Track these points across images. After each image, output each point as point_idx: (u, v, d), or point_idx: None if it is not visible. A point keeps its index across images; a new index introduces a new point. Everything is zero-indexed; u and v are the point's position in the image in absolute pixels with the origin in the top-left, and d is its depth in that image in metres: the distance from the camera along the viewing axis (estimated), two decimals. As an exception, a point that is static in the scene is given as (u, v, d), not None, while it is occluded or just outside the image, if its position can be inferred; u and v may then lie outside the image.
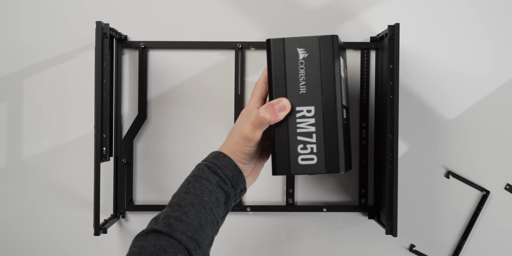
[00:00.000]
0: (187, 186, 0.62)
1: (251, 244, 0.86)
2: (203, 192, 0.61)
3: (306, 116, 0.65)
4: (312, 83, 0.65)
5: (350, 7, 0.84)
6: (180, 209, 0.60)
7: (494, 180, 0.85)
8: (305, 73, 0.65)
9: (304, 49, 0.65)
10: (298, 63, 0.65)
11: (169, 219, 0.59)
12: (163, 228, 0.58)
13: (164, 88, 0.85)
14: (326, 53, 0.64)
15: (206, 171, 0.63)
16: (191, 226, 0.59)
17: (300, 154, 0.65)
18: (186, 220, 0.59)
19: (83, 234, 0.85)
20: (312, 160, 0.65)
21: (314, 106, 0.64)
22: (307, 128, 0.65)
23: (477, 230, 0.85)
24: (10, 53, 0.84)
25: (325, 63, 0.64)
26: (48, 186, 0.85)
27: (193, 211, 0.60)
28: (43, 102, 0.85)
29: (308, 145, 0.65)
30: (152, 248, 0.56)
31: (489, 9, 0.84)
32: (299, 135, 0.65)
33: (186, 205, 0.60)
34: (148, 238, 0.58)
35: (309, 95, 0.65)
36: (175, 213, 0.60)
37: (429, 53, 0.84)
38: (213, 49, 0.84)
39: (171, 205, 0.61)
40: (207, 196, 0.61)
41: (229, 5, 0.85)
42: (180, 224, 0.58)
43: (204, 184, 0.62)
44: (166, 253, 0.56)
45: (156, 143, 0.85)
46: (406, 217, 0.85)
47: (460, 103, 0.85)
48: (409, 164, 0.85)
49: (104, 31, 0.75)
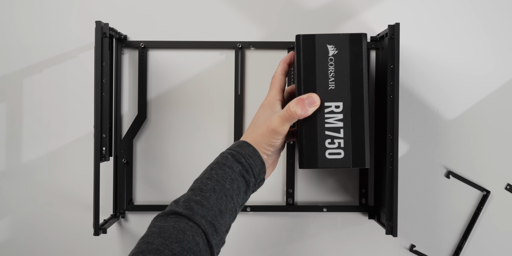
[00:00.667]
0: (210, 172, 0.63)
1: (251, 244, 0.86)
2: (225, 179, 0.62)
3: (334, 111, 0.67)
4: (341, 79, 0.66)
5: (350, 7, 0.84)
6: (201, 193, 0.60)
7: (494, 180, 0.85)
8: (334, 69, 0.67)
9: (334, 46, 0.67)
10: (328, 60, 0.67)
11: (190, 202, 0.59)
12: (183, 210, 0.58)
13: (164, 88, 0.85)
14: (356, 50, 0.67)
15: (230, 159, 0.63)
16: (211, 211, 0.59)
17: (327, 148, 0.67)
18: (207, 204, 0.59)
19: (83, 234, 0.84)
20: (339, 155, 0.67)
21: (343, 102, 0.67)
22: (335, 123, 0.67)
23: (478, 230, 0.85)
24: (10, 52, 0.84)
25: (354, 61, 0.66)
26: (48, 186, 0.85)
27: (214, 197, 0.60)
28: (43, 102, 0.84)
29: (336, 140, 0.67)
30: (171, 229, 0.57)
31: (489, 9, 0.84)
32: (327, 130, 0.67)
33: (208, 190, 0.61)
34: (167, 219, 0.58)
35: (338, 91, 0.67)
36: (197, 197, 0.60)
37: (429, 52, 0.84)
38: (213, 49, 0.84)
39: (192, 189, 0.62)
40: (229, 183, 0.62)
41: (229, 5, 0.84)
42: (201, 208, 0.59)
43: (227, 172, 0.62)
44: (185, 235, 0.56)
45: (156, 143, 0.85)
46: (406, 217, 0.85)
47: (460, 103, 0.84)
48: (409, 164, 0.84)
49: (103, 30, 0.75)
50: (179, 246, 0.55)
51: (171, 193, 0.85)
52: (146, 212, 0.84)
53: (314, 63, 0.67)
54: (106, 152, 0.78)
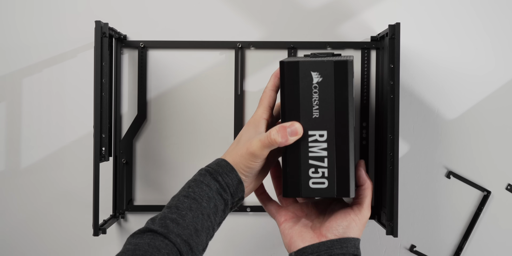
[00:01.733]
0: (187, 190, 0.62)
1: (251, 244, 0.85)
2: (202, 197, 0.62)
3: (318, 140, 0.64)
4: (326, 107, 0.64)
5: (351, 7, 0.84)
6: (178, 211, 0.60)
7: (495, 180, 0.85)
8: (318, 97, 0.64)
9: (318, 73, 0.64)
10: (312, 87, 0.64)
11: (165, 220, 0.59)
12: (159, 228, 0.58)
13: (163, 87, 0.85)
14: (341, 78, 0.63)
15: (207, 177, 0.63)
16: (186, 230, 0.59)
17: (311, 177, 0.65)
18: (182, 223, 0.59)
19: (82, 234, 0.84)
20: (323, 184, 0.65)
21: (327, 130, 0.64)
22: (319, 152, 0.64)
23: (478, 231, 0.85)
24: (9, 52, 0.84)
25: (339, 88, 0.64)
26: (47, 186, 0.85)
27: (191, 215, 0.60)
28: (42, 102, 0.84)
29: (320, 169, 0.65)
30: (146, 247, 0.57)
31: (490, 8, 0.84)
32: (311, 159, 0.65)
33: (184, 208, 0.60)
34: (143, 236, 0.58)
35: (322, 120, 0.64)
36: (173, 215, 0.60)
37: (430, 52, 0.84)
38: (213, 48, 0.84)
39: (169, 206, 0.61)
40: (206, 202, 0.61)
41: (229, 4, 0.84)
42: (176, 226, 0.59)
43: (204, 190, 0.62)
44: (160, 253, 0.56)
45: (155, 143, 0.85)
46: (407, 217, 0.84)
47: (461, 102, 0.84)
48: (410, 164, 0.84)
49: (103, 30, 0.75)
50: None
51: (171, 194, 0.84)
52: (145, 212, 0.84)
53: (298, 90, 0.64)
54: (106, 152, 0.78)
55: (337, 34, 0.84)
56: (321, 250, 0.65)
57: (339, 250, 0.65)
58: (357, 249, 0.66)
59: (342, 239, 0.65)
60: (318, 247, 0.65)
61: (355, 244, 0.66)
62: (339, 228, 0.66)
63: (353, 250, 0.65)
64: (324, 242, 0.65)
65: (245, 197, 0.67)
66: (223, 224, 0.85)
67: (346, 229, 0.66)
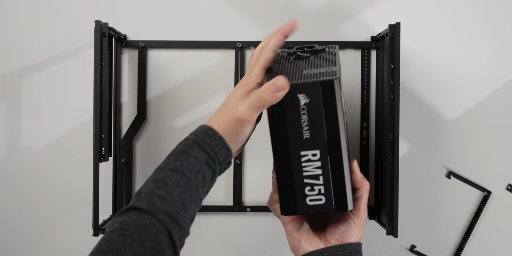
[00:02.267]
0: (175, 163, 0.60)
1: (251, 244, 0.85)
2: (190, 171, 0.59)
3: (311, 159, 0.63)
4: (316, 127, 0.62)
5: (351, 7, 0.84)
6: (165, 187, 0.58)
7: (495, 181, 0.85)
8: (307, 118, 0.62)
9: (305, 95, 0.62)
10: (300, 109, 0.62)
11: (152, 197, 0.57)
12: (145, 206, 0.56)
13: (163, 87, 0.85)
14: (329, 97, 0.61)
15: (195, 148, 0.60)
16: (174, 207, 0.57)
17: (308, 195, 0.64)
18: (170, 200, 0.57)
19: (82, 234, 0.84)
20: (320, 201, 0.64)
21: (319, 149, 0.63)
22: (314, 171, 0.64)
23: (479, 231, 0.85)
24: (9, 52, 0.84)
25: (328, 107, 0.62)
26: (47, 186, 0.84)
27: (178, 191, 0.58)
28: (42, 102, 0.84)
29: (316, 186, 0.64)
30: (133, 226, 0.55)
31: (490, 8, 0.84)
32: (306, 178, 0.64)
33: (172, 184, 0.58)
34: (130, 214, 0.56)
35: (314, 140, 0.63)
36: (160, 191, 0.57)
37: (430, 52, 0.84)
38: (213, 48, 0.84)
39: (155, 180, 0.58)
40: (194, 176, 0.59)
41: (229, 4, 0.84)
42: (164, 204, 0.57)
43: (192, 163, 0.59)
44: (147, 233, 0.55)
45: (155, 143, 0.85)
46: (407, 217, 0.84)
47: (461, 102, 0.84)
48: (410, 164, 0.84)
49: (103, 30, 0.75)
50: (140, 246, 0.53)
51: (171, 194, 0.85)
52: (145, 212, 0.84)
53: (284, 113, 0.62)
54: (106, 152, 0.78)
55: (337, 34, 0.84)
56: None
57: (342, 255, 0.65)
58: (360, 253, 0.66)
59: (344, 245, 0.65)
60: (321, 254, 0.65)
61: (358, 248, 0.66)
62: (340, 232, 0.66)
63: (356, 255, 0.65)
64: (327, 248, 0.65)
65: (232, 159, 0.64)
66: (223, 224, 0.85)
67: (346, 233, 0.66)
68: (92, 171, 0.74)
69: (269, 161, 0.69)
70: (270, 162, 0.67)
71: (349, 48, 0.83)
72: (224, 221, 0.85)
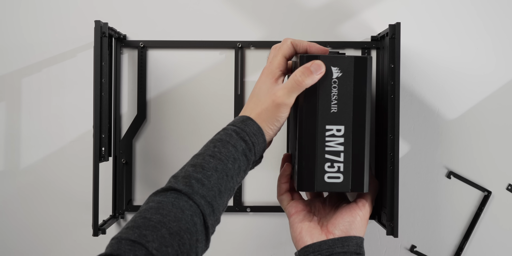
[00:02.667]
0: (213, 149, 0.61)
1: (251, 244, 0.85)
2: (228, 158, 0.60)
3: (335, 135, 0.65)
4: (344, 103, 0.65)
5: (351, 6, 0.84)
6: (203, 171, 0.58)
7: (495, 181, 0.84)
8: (337, 92, 0.65)
9: (338, 68, 0.64)
10: (332, 82, 0.65)
11: (190, 180, 0.57)
12: (183, 187, 0.57)
13: (163, 87, 0.84)
14: (361, 74, 0.64)
15: (234, 136, 0.61)
16: (211, 191, 0.57)
17: (327, 172, 0.65)
18: (207, 184, 0.58)
19: (82, 234, 0.84)
20: (338, 179, 0.65)
21: (344, 126, 0.65)
22: (336, 147, 0.65)
23: (479, 231, 0.84)
24: (9, 52, 0.84)
25: (358, 84, 0.64)
26: (46, 186, 0.84)
27: (216, 176, 0.58)
28: (42, 102, 0.84)
29: (336, 163, 0.65)
30: (170, 206, 0.55)
31: (490, 8, 0.84)
32: (327, 154, 0.65)
33: (210, 168, 0.59)
34: (167, 195, 0.56)
35: (340, 115, 0.65)
36: (198, 174, 0.58)
37: (430, 52, 0.84)
38: (213, 48, 0.84)
39: (194, 165, 0.59)
40: (231, 163, 0.60)
41: (228, 4, 0.84)
42: (201, 187, 0.57)
43: (230, 151, 0.60)
44: (184, 214, 0.55)
45: (155, 143, 0.84)
46: (407, 217, 0.84)
47: (461, 102, 0.84)
48: (410, 164, 0.84)
49: (103, 30, 0.75)
50: (177, 225, 0.54)
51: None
52: (145, 212, 0.84)
53: (317, 84, 0.64)
54: (105, 152, 0.78)
55: (338, 34, 0.84)
56: (322, 249, 0.65)
57: (340, 249, 0.64)
58: (359, 247, 0.66)
59: (344, 238, 0.65)
60: (320, 246, 0.65)
61: (357, 242, 0.66)
62: (345, 223, 0.66)
63: (354, 249, 0.65)
64: (326, 241, 0.65)
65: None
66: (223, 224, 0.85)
67: (351, 225, 0.66)
68: (92, 171, 0.74)
69: (269, 161, 0.69)
70: (270, 163, 0.67)
71: (349, 48, 0.83)
72: (223, 221, 0.84)
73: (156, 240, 0.52)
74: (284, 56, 0.66)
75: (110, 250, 0.51)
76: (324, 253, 0.64)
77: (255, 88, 0.66)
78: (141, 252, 0.51)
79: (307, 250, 0.65)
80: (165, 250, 0.52)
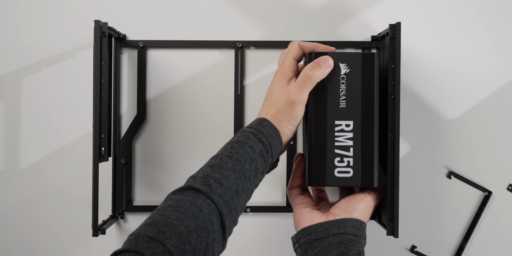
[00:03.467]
0: (231, 150, 0.61)
1: (251, 245, 0.85)
2: (245, 159, 0.60)
3: (344, 130, 0.67)
4: (352, 98, 0.67)
5: (351, 6, 0.84)
6: (221, 171, 0.59)
7: (496, 181, 0.84)
8: (345, 88, 0.67)
9: (346, 65, 0.67)
10: (340, 78, 0.67)
11: (208, 179, 0.58)
12: (201, 186, 0.57)
13: (163, 87, 0.84)
14: (368, 69, 0.67)
15: (251, 138, 0.62)
16: (229, 191, 0.58)
17: (336, 166, 0.67)
18: (225, 184, 0.58)
19: (82, 235, 0.84)
20: (348, 173, 0.67)
21: (353, 121, 0.67)
22: (345, 142, 0.67)
23: (479, 231, 0.84)
24: (8, 52, 0.84)
25: (366, 80, 0.67)
26: (46, 186, 0.84)
27: (233, 176, 0.59)
28: (41, 102, 0.84)
29: (345, 158, 0.67)
30: (188, 204, 0.55)
31: (491, 7, 0.84)
32: (337, 149, 0.67)
33: (227, 168, 0.59)
34: (185, 193, 0.57)
35: (349, 110, 0.67)
36: (216, 174, 0.58)
37: (431, 52, 0.84)
38: (213, 48, 0.84)
39: (211, 165, 0.60)
40: (248, 164, 0.60)
41: (228, 4, 0.84)
42: (219, 186, 0.57)
43: (247, 152, 0.61)
44: (201, 213, 0.55)
45: (155, 143, 0.84)
46: (408, 218, 0.84)
47: (462, 102, 0.84)
48: (411, 164, 0.84)
49: (102, 30, 0.75)
50: (194, 223, 0.54)
51: (171, 194, 0.84)
52: (145, 212, 0.84)
53: (325, 80, 0.66)
54: (105, 152, 0.77)
55: (338, 34, 0.84)
56: (318, 231, 0.65)
57: (336, 231, 0.64)
58: (357, 229, 0.65)
59: (341, 220, 0.65)
60: (316, 228, 0.65)
61: (355, 224, 0.65)
62: (348, 205, 0.67)
63: (351, 230, 0.65)
64: (322, 223, 0.65)
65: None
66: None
67: (353, 206, 0.67)
68: (91, 171, 0.74)
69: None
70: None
71: (350, 47, 0.83)
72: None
73: (174, 237, 0.52)
74: (294, 57, 0.68)
75: (128, 246, 0.51)
76: (320, 235, 0.64)
77: (269, 91, 0.67)
78: (158, 249, 0.51)
79: (303, 233, 0.66)
80: (183, 247, 0.52)
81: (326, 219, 0.66)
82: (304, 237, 0.65)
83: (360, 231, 0.66)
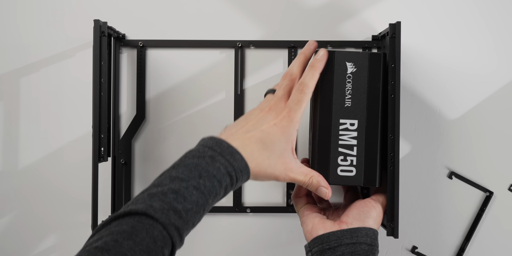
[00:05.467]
0: (198, 180, 0.59)
1: (251, 245, 0.85)
2: (210, 193, 0.59)
3: (349, 129, 0.67)
4: (358, 97, 0.67)
5: (352, 6, 0.83)
6: (184, 203, 0.57)
7: (497, 181, 0.84)
8: (351, 87, 0.67)
9: (353, 64, 0.67)
10: (346, 77, 0.67)
11: (169, 210, 0.56)
12: (160, 216, 0.56)
13: (162, 87, 0.84)
14: (375, 69, 0.67)
15: (221, 171, 0.60)
16: (186, 225, 0.57)
17: (340, 165, 0.68)
18: (185, 217, 0.57)
19: (81, 235, 0.84)
20: (351, 172, 0.68)
21: (358, 120, 0.67)
22: (349, 140, 0.67)
23: (481, 232, 0.84)
24: (7, 51, 0.84)
25: (372, 80, 0.67)
26: (45, 186, 0.84)
27: (194, 210, 0.58)
28: (40, 102, 0.84)
29: (349, 157, 0.67)
30: (144, 234, 0.54)
31: (493, 7, 0.83)
32: (341, 147, 0.67)
33: (191, 202, 0.58)
34: (142, 220, 0.55)
35: (354, 109, 0.67)
36: (178, 205, 0.57)
37: (432, 51, 0.84)
38: (213, 47, 0.84)
39: (176, 191, 0.58)
40: (212, 199, 0.60)
41: (228, 3, 0.84)
42: (178, 220, 0.57)
43: (215, 186, 0.60)
44: (155, 245, 0.54)
45: (154, 143, 0.84)
46: (408, 218, 0.84)
47: (463, 102, 0.84)
48: (411, 164, 0.84)
49: (102, 29, 0.74)
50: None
51: (170, 194, 0.84)
52: (144, 213, 0.83)
53: (332, 79, 0.67)
54: (105, 152, 0.77)
55: (338, 33, 0.83)
56: (331, 240, 0.65)
57: (349, 240, 0.64)
58: (370, 238, 0.65)
59: (354, 229, 0.65)
60: (328, 237, 0.65)
61: (368, 233, 0.65)
62: (360, 213, 0.67)
63: (364, 239, 0.65)
64: (335, 232, 0.65)
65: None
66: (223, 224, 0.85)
67: (365, 212, 0.67)
68: (91, 172, 0.74)
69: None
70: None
71: (350, 47, 0.83)
72: (223, 222, 0.84)
73: None
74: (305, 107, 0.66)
75: None
76: (332, 244, 0.64)
77: (269, 137, 0.64)
78: None
79: (316, 242, 0.66)
80: None
81: (339, 228, 0.66)
82: (317, 246, 0.65)
83: (374, 240, 0.66)
